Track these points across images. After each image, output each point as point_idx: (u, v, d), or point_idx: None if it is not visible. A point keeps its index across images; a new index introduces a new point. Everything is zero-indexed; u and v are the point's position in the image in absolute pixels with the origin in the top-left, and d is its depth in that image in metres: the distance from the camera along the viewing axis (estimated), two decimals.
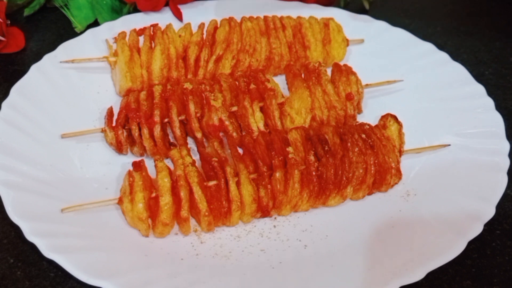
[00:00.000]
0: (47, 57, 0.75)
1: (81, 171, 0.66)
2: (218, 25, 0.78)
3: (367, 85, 0.74)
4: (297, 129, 0.65)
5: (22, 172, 0.62)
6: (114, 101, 0.74)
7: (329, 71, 0.73)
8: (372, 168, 0.63)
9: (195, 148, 0.69)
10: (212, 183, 0.60)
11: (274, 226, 0.62)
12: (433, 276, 0.57)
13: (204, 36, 0.76)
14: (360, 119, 0.72)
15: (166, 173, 0.59)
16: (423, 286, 0.57)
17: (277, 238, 0.61)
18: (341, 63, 0.75)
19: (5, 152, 0.63)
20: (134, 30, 0.76)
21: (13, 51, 0.83)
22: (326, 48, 0.80)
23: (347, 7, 0.94)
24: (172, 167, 0.61)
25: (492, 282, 0.58)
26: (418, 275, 0.55)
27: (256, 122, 0.67)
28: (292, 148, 0.62)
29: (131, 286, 0.53)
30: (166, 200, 0.58)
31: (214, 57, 0.75)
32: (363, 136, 0.64)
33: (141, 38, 0.76)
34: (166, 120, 0.67)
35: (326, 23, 0.80)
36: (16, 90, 0.70)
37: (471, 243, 0.58)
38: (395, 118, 0.67)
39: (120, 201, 0.60)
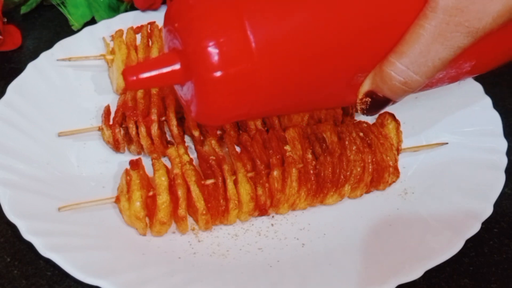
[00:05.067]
0: (43, 55, 0.74)
1: (78, 170, 0.66)
2: None
3: None
4: (295, 128, 0.64)
5: (18, 171, 0.62)
6: (111, 99, 0.73)
7: None
8: (370, 167, 0.63)
9: (193, 147, 0.68)
10: (209, 181, 0.60)
11: (272, 225, 0.62)
12: (430, 275, 0.57)
13: None
14: (358, 117, 0.72)
15: (163, 171, 0.59)
16: (420, 284, 0.57)
17: (274, 236, 0.61)
18: None
19: (2, 150, 0.63)
20: (131, 28, 0.76)
21: (10, 49, 0.82)
22: None
23: None
24: (169, 166, 0.61)
25: (489, 280, 0.58)
26: (415, 274, 0.55)
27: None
28: (290, 147, 0.62)
29: (128, 285, 0.53)
30: (163, 198, 0.58)
31: None
32: (361, 134, 0.64)
33: (138, 36, 0.76)
34: (163, 118, 0.67)
35: None
36: (13, 88, 0.70)
37: (468, 242, 0.58)
38: (392, 116, 0.67)
39: (117, 200, 0.60)
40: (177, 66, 0.46)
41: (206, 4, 0.45)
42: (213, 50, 0.43)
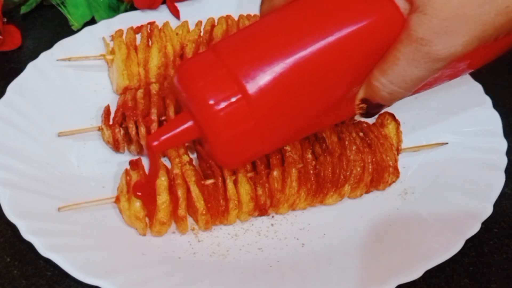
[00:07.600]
0: (43, 55, 0.74)
1: (77, 170, 0.66)
2: (216, 23, 0.78)
3: None
4: None
5: (18, 171, 0.62)
6: (111, 99, 0.73)
7: None
8: (370, 167, 0.63)
9: (193, 147, 0.68)
10: (209, 181, 0.60)
11: (272, 225, 0.62)
12: (430, 275, 0.57)
13: (202, 34, 0.76)
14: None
15: (163, 171, 0.59)
16: (420, 284, 0.57)
17: (274, 236, 0.61)
18: None
19: (2, 150, 0.63)
20: (131, 28, 0.76)
21: (10, 49, 0.82)
22: None
23: None
24: (169, 166, 0.61)
25: (489, 280, 0.58)
26: (415, 274, 0.55)
27: None
28: (290, 147, 0.61)
29: (128, 285, 0.53)
30: (163, 198, 0.58)
31: None
32: (361, 134, 0.64)
33: (138, 36, 0.76)
34: (163, 118, 0.67)
35: None
36: (13, 88, 0.70)
37: (468, 242, 0.58)
38: (392, 116, 0.67)
39: (117, 200, 0.60)
40: (190, 123, 0.51)
41: (206, 73, 0.49)
42: (219, 116, 0.48)
